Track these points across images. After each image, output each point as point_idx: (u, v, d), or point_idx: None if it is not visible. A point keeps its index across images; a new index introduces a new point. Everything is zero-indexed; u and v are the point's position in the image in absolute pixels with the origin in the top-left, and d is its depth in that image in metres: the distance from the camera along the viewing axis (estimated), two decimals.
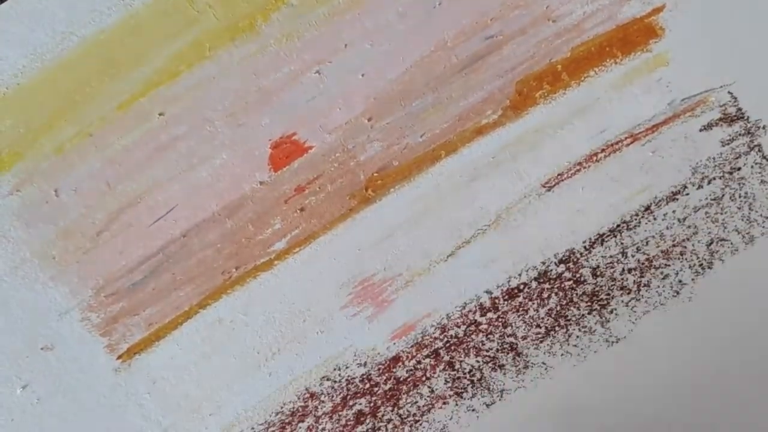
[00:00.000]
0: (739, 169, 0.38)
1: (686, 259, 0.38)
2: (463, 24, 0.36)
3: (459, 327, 0.37)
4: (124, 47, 0.35)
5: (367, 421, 0.37)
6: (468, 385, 0.38)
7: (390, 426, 0.37)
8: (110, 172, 0.35)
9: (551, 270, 0.38)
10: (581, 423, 0.38)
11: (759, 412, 0.38)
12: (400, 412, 0.37)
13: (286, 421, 0.37)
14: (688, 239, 0.38)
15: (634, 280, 0.38)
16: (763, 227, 0.38)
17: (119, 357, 0.36)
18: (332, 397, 0.37)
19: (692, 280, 0.38)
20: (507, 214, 0.37)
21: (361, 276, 0.37)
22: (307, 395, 0.37)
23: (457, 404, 0.38)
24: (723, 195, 0.38)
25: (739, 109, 0.38)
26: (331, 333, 0.37)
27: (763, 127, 0.38)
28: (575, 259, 0.38)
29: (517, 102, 0.37)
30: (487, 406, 0.38)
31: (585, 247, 0.38)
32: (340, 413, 0.37)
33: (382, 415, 0.37)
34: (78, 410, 0.36)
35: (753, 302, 0.38)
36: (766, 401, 0.38)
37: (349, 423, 0.37)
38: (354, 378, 0.37)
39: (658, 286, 0.38)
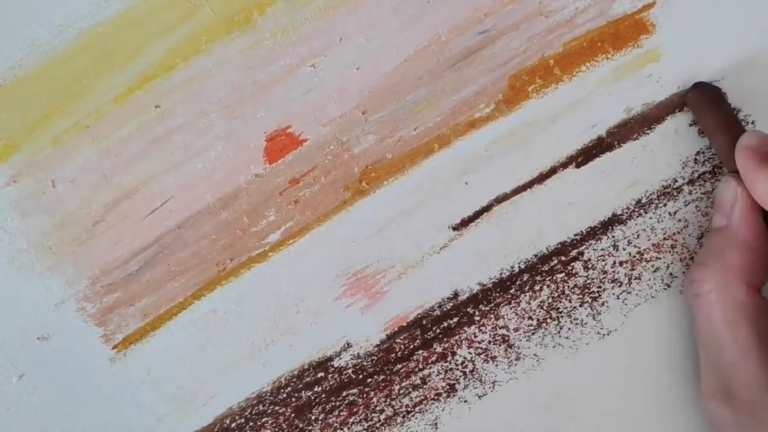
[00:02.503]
0: None
1: (677, 252, 0.40)
2: (456, 19, 0.38)
3: (452, 319, 0.39)
4: (120, 40, 0.37)
5: (360, 411, 0.39)
6: (460, 376, 0.40)
7: (382, 417, 0.39)
8: (106, 164, 0.37)
9: (543, 263, 0.39)
10: (573, 414, 0.40)
11: None
12: (393, 402, 0.39)
13: (279, 411, 0.39)
14: (678, 232, 0.40)
15: (626, 273, 0.40)
16: None
17: (114, 347, 0.38)
18: (325, 387, 0.39)
19: (683, 272, 0.40)
20: (499, 207, 0.39)
21: (354, 268, 0.39)
22: (301, 386, 0.39)
23: (449, 396, 0.40)
24: (713, 189, 0.40)
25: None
26: (325, 324, 0.39)
27: (752, 122, 0.40)
28: (567, 252, 0.40)
29: (509, 96, 0.39)
30: (479, 397, 0.40)
31: (577, 240, 0.40)
32: (333, 403, 0.39)
33: (375, 406, 0.39)
34: (74, 400, 0.38)
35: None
36: None
37: (341, 413, 0.39)
38: (346, 368, 0.39)
39: (649, 279, 0.40)
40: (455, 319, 0.40)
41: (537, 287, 0.40)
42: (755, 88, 0.40)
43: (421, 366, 0.39)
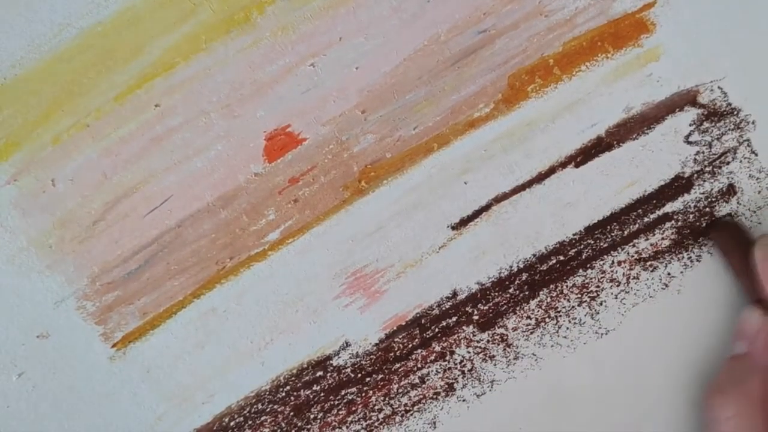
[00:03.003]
0: (728, 163, 0.40)
1: (675, 252, 0.40)
2: (456, 18, 0.39)
3: (450, 318, 0.40)
4: (121, 39, 0.37)
5: (358, 410, 0.40)
6: (459, 375, 0.40)
7: (381, 416, 0.40)
8: (106, 163, 0.38)
9: (542, 262, 0.40)
10: (571, 413, 0.40)
11: None
12: (391, 401, 0.40)
13: (278, 410, 0.40)
14: (677, 232, 0.40)
15: (624, 273, 0.40)
16: (752, 221, 0.40)
17: (114, 345, 0.39)
18: (324, 386, 0.40)
19: (681, 272, 0.41)
20: (498, 206, 0.40)
21: (353, 267, 0.40)
22: (300, 384, 0.40)
23: (447, 395, 0.40)
24: (712, 189, 0.40)
25: (729, 104, 0.40)
26: (324, 323, 0.40)
27: (753, 122, 0.40)
28: (565, 252, 0.40)
29: (509, 96, 0.40)
30: (478, 396, 0.40)
31: (575, 239, 0.40)
32: (332, 402, 0.40)
33: (373, 405, 0.40)
34: (73, 398, 0.39)
35: (740, 295, 0.40)
36: None
37: (340, 412, 0.40)
38: (345, 367, 0.40)
39: (647, 279, 0.40)
40: (454, 319, 0.40)
41: (535, 286, 0.40)
42: (756, 88, 0.41)
43: (419, 365, 0.40)
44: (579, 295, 0.40)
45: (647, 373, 0.41)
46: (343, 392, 0.40)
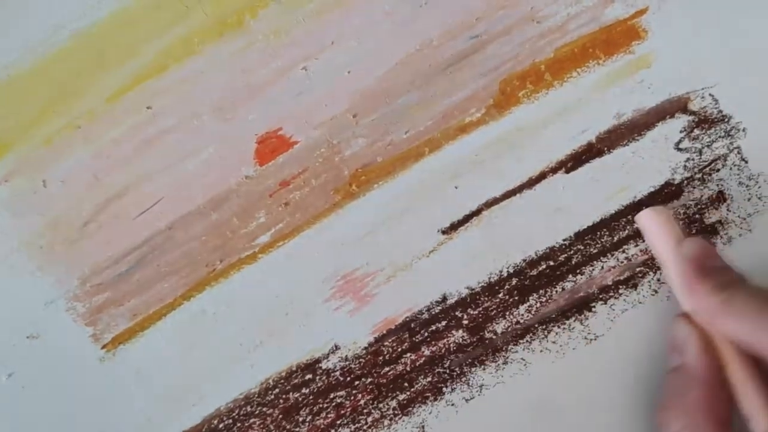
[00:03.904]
0: (718, 170, 0.41)
1: None
2: (448, 23, 0.40)
3: (440, 322, 0.41)
4: (114, 41, 0.38)
5: (347, 413, 0.40)
6: (447, 379, 0.41)
7: (369, 419, 0.41)
8: (98, 164, 0.39)
9: (531, 267, 0.41)
10: (559, 418, 0.41)
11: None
12: (380, 405, 0.41)
13: (267, 412, 0.40)
14: None
15: (613, 278, 0.41)
16: (741, 228, 0.41)
17: (104, 347, 0.40)
18: (313, 389, 0.40)
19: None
20: (489, 211, 0.40)
21: (343, 270, 0.40)
22: (288, 387, 0.40)
23: (436, 399, 0.41)
24: (702, 196, 0.41)
25: (720, 112, 0.41)
26: (314, 326, 0.40)
27: (743, 130, 0.41)
28: (555, 257, 0.41)
29: (500, 101, 0.40)
30: (466, 400, 0.41)
31: (565, 245, 0.41)
32: (321, 405, 0.40)
33: (362, 409, 0.41)
34: (63, 399, 0.39)
35: None
36: None
37: (329, 415, 0.40)
38: (334, 371, 0.40)
39: (637, 285, 0.41)
40: (443, 323, 0.41)
41: (525, 292, 0.41)
42: (747, 95, 0.41)
43: (408, 369, 0.41)
44: (568, 301, 0.41)
45: (636, 380, 0.41)
46: (332, 395, 0.41)
